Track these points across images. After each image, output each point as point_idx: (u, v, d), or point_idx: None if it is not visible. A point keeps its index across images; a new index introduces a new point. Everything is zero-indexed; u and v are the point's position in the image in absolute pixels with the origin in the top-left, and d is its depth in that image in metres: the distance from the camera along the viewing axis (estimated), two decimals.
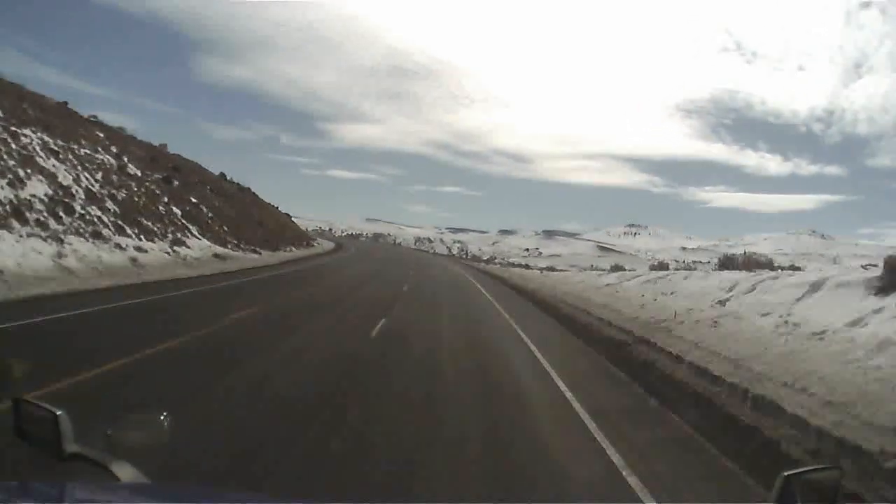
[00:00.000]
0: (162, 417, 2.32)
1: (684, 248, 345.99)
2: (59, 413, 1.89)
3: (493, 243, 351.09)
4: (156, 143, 44.18)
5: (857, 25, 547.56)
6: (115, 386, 6.98)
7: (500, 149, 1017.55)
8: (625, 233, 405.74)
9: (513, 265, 78.88)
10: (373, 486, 4.96)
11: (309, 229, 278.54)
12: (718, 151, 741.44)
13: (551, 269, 53.53)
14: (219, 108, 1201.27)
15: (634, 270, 26.50)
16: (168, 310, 13.74)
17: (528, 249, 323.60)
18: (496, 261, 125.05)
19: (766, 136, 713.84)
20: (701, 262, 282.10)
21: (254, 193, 58.52)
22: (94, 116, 37.66)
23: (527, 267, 62.41)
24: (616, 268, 26.95)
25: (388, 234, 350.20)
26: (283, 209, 68.87)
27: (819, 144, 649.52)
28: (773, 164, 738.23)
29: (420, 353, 11.22)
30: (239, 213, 42.44)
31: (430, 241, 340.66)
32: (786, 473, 1.82)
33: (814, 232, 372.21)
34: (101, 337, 9.84)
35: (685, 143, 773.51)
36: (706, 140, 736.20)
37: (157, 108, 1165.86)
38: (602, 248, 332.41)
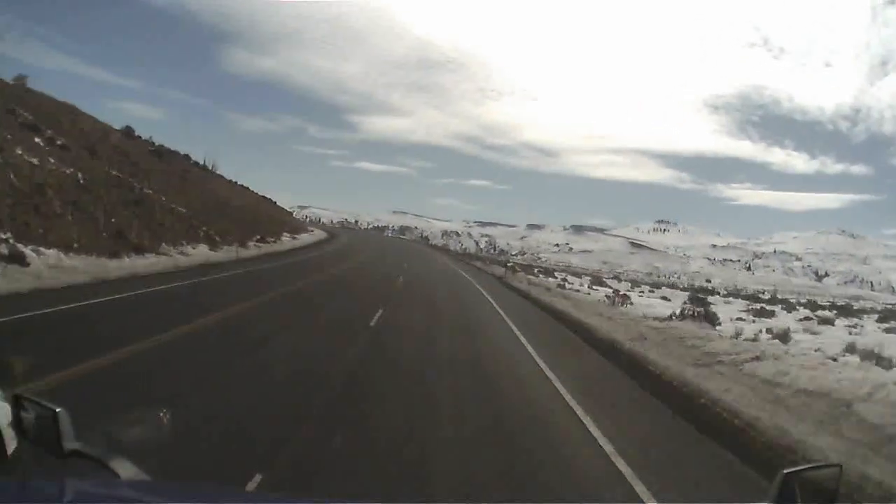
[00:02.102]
0: (162, 414, 2.37)
1: (714, 246, 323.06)
2: (58, 410, 1.78)
3: (522, 238, 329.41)
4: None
5: (882, 22, 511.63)
6: None
7: (528, 142, 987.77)
8: (654, 229, 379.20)
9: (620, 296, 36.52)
10: None
11: (334, 221, 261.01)
12: (745, 148, 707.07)
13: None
14: (246, 100, 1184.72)
15: None
16: None
17: (558, 245, 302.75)
18: (568, 278, 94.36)
19: (792, 134, 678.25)
20: (731, 260, 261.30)
21: (196, 163, 38.07)
22: None
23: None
24: None
25: (416, 227, 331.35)
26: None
27: (845, 142, 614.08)
28: (799, 162, 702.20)
29: None
30: (108, 183, 22.17)
31: (457, 234, 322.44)
32: (785, 471, 1.73)
33: (843, 231, 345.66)
34: None
35: (712, 139, 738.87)
36: (733, 136, 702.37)
37: (183, 100, 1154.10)
38: (634, 245, 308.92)
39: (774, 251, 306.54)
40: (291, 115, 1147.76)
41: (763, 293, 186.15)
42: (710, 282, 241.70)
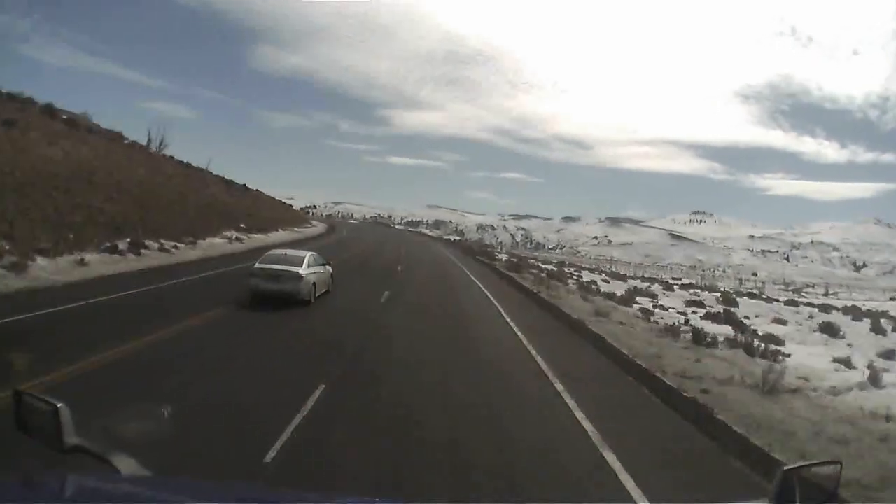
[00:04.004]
0: (162, 409, 2.48)
1: (752, 237, 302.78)
2: (59, 405, 1.74)
3: (558, 231, 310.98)
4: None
5: None
6: None
7: (560, 135, 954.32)
8: (690, 220, 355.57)
9: None
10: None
11: (367, 216, 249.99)
12: (777, 138, 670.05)
13: None
14: (276, 97, 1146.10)
15: None
16: None
17: (596, 238, 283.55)
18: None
19: (822, 123, 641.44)
20: (770, 251, 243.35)
21: (69, 118, 21.73)
22: None
23: None
24: None
25: (450, 221, 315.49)
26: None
27: (875, 131, 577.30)
28: (830, 151, 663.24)
29: None
30: None
31: (493, 228, 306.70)
32: (785, 468, 1.68)
33: (879, 221, 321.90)
34: None
35: (744, 129, 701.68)
36: (764, 126, 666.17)
37: (213, 98, 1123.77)
38: (674, 237, 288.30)
39: (812, 241, 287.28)
40: (322, 111, 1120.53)
41: (813, 286, 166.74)
42: (756, 275, 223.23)
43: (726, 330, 17.17)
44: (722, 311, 23.63)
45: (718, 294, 36.43)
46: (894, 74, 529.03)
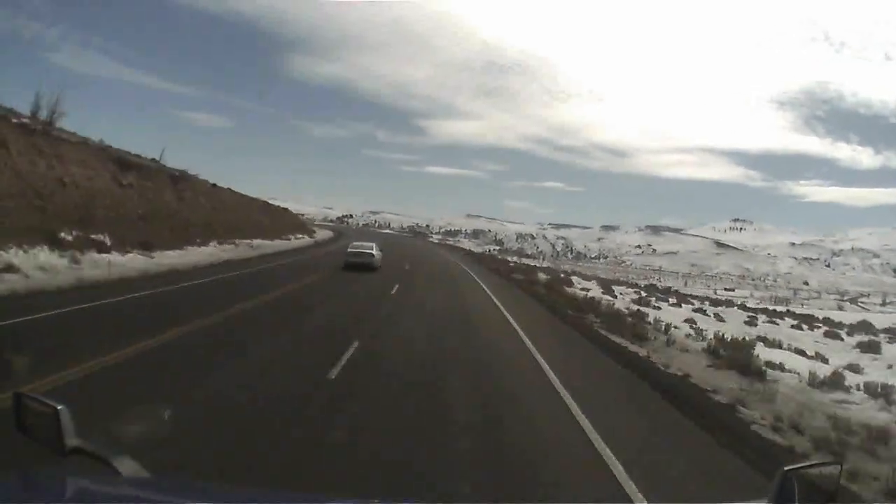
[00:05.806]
0: (163, 411, 2.44)
1: (793, 244, 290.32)
2: (59, 408, 1.70)
3: (599, 239, 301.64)
4: None
5: None
6: None
7: (598, 143, 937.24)
8: (730, 228, 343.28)
9: None
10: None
11: (404, 226, 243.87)
12: (812, 144, 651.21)
13: None
14: (312, 106, 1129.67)
15: None
16: None
17: (640, 247, 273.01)
18: None
19: (857, 128, 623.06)
20: (811, 258, 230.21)
21: None
22: None
23: None
24: None
25: (489, 231, 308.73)
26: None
27: None
28: (865, 157, 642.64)
29: None
30: None
31: (532, 237, 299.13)
32: (785, 468, 1.62)
33: None
34: None
35: (780, 135, 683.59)
36: (800, 132, 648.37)
37: (249, 107, 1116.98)
38: (719, 245, 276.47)
39: (852, 248, 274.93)
40: (359, 120, 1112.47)
41: (868, 295, 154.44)
42: (807, 284, 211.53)
43: None
44: None
45: None
46: None
